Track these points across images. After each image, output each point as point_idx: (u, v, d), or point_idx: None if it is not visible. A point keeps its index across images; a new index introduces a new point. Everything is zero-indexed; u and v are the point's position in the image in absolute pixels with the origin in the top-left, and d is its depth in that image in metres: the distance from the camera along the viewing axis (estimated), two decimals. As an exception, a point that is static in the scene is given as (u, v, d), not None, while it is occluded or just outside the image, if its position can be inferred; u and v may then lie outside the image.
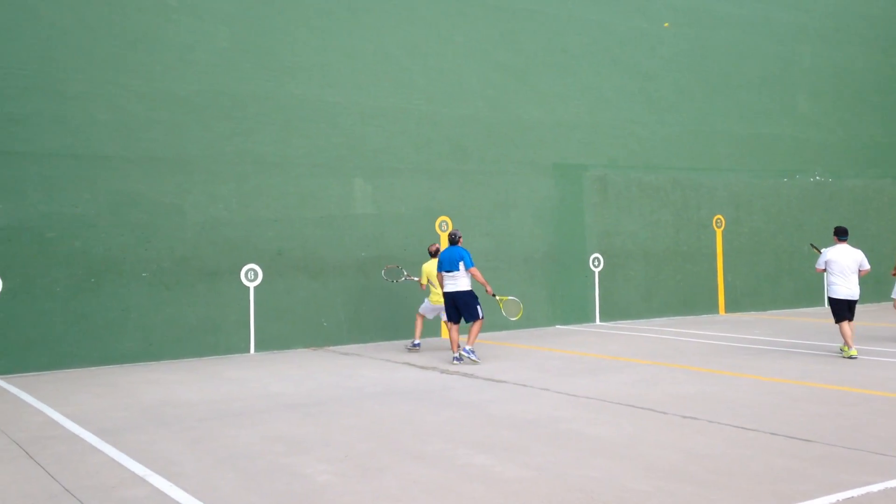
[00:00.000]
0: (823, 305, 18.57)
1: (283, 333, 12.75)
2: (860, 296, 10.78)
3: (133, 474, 5.88)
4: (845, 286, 10.61)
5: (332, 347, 12.96)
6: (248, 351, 12.46)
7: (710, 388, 8.80)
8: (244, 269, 12.50)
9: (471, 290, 11.00)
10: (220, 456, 6.36)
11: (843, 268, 10.63)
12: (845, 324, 10.60)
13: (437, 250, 12.13)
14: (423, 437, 6.81)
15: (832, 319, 10.94)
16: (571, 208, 15.68)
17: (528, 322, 14.81)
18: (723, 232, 17.48)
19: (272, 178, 12.78)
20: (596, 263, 15.89)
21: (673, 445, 6.36)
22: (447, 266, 10.99)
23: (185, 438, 6.98)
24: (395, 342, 13.43)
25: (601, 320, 15.88)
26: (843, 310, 10.65)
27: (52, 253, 11.16)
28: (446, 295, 11.07)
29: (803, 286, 18.47)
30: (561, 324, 15.43)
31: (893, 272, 12.52)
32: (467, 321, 11.06)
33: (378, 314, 13.56)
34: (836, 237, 10.95)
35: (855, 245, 19.08)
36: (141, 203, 11.82)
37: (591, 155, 15.91)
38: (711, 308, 17.27)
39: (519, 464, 5.93)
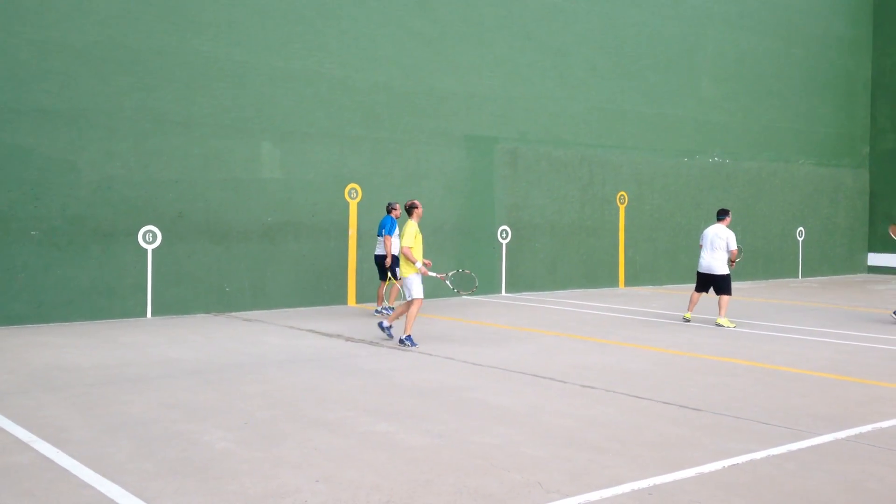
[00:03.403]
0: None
1: (182, 298, 12.39)
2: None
3: (17, 440, 5.61)
4: (704, 260, 12.00)
5: (234, 313, 12.68)
6: (145, 315, 12.05)
7: (608, 358, 9.06)
8: (142, 230, 12.04)
9: (380, 255, 12.49)
10: (112, 422, 6.13)
11: (706, 244, 11.99)
12: (696, 294, 12.12)
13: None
14: (326, 405, 6.75)
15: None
16: (482, 180, 15.76)
17: (435, 292, 14.86)
18: (625, 208, 17.95)
19: (174, 138, 12.31)
20: (504, 236, 16.07)
21: (571, 414, 6.52)
22: (378, 231, 12.61)
23: (74, 404, 6.70)
24: (301, 309, 13.26)
25: (507, 292, 16.10)
26: (701, 281, 12.08)
27: (-69, 207, 10.46)
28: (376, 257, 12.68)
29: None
30: (468, 294, 15.55)
31: None
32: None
33: (283, 280, 13.33)
34: (716, 216, 12.49)
35: (747, 223, 20.10)
36: (31, 158, 11.19)
37: (502, 128, 16.00)
38: (612, 282, 17.76)
39: (421, 431, 5.95)
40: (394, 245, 12.21)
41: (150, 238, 12.09)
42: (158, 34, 12.15)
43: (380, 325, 10.21)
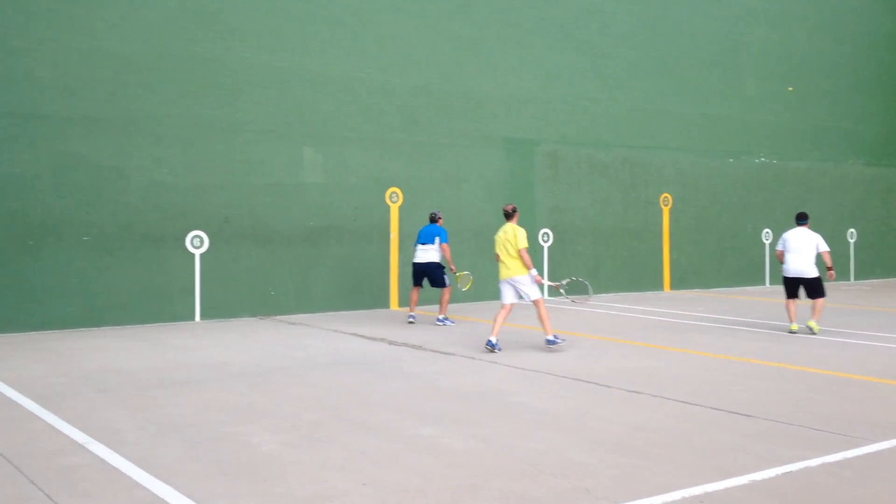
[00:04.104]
0: (765, 284, 19.06)
1: (229, 302, 12.56)
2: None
3: (73, 441, 5.74)
4: (793, 264, 11.28)
5: (279, 317, 12.82)
6: (194, 319, 12.24)
7: (654, 363, 8.95)
8: (190, 235, 12.24)
9: (439, 262, 12.08)
10: (163, 424, 6.24)
11: (793, 248, 11.30)
12: (790, 301, 11.29)
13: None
14: (371, 408, 6.78)
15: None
16: (522, 183, 15.71)
17: (476, 295, 14.85)
18: (669, 210, 17.74)
19: (219, 144, 12.50)
20: (545, 238, 15.99)
21: (617, 419, 6.46)
22: (423, 239, 12.09)
23: (126, 406, 6.83)
24: (343, 313, 13.35)
25: (549, 296, 16.00)
26: (791, 287, 11.36)
27: (-12, 214, 10.76)
28: (416, 265, 12.15)
29: (746, 265, 18.90)
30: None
31: None
32: (434, 285, 12.21)
33: (327, 284, 13.44)
34: (795, 221, 11.70)
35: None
36: (82, 165, 11.46)
37: (542, 130, 15.93)
38: (657, 285, 17.56)
39: (466, 435, 5.94)
40: (435, 252, 11.98)
41: (197, 243, 12.29)
42: (203, 42, 12.35)
43: (488, 343, 9.57)
